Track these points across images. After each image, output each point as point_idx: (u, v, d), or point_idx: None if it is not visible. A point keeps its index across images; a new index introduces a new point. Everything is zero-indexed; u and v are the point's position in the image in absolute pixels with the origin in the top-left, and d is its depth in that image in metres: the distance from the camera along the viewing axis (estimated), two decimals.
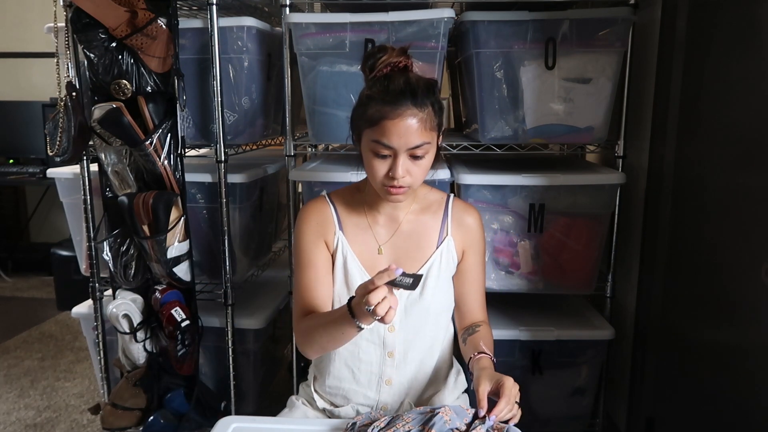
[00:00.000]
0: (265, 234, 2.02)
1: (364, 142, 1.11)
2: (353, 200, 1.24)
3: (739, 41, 1.36)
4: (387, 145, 1.06)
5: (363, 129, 1.10)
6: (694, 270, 1.55)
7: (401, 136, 1.06)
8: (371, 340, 1.21)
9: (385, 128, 1.06)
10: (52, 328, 3.15)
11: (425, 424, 0.99)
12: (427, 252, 1.22)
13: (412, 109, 1.06)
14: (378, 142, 1.07)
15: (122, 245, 1.69)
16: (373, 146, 1.08)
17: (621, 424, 1.95)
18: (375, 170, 1.10)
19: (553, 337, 1.69)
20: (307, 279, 1.19)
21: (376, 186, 1.13)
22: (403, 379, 1.24)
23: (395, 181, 1.09)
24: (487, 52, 1.63)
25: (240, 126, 1.74)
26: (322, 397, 1.28)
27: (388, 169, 1.09)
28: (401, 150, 1.07)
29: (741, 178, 1.34)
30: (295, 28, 1.61)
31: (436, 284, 1.22)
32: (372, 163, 1.09)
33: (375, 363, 1.22)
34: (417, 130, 1.06)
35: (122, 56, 1.55)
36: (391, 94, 1.06)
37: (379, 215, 1.22)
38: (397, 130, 1.05)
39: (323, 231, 1.20)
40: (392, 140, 1.06)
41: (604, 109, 1.67)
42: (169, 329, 1.66)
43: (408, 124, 1.05)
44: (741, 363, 1.33)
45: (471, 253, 1.25)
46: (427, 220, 1.23)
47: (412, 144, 1.07)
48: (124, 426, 1.72)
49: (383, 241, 1.21)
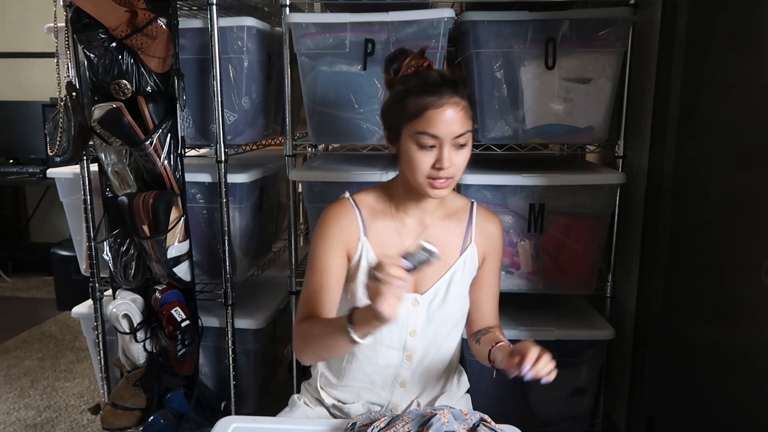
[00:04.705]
0: (265, 234, 2.02)
1: (404, 137, 1.10)
2: (379, 203, 1.21)
3: (739, 41, 1.36)
4: (433, 134, 1.07)
5: (403, 124, 1.10)
6: (694, 270, 1.55)
7: (446, 125, 1.07)
8: (392, 345, 1.20)
9: (430, 118, 1.06)
10: (52, 328, 3.15)
11: (423, 424, 0.99)
12: (450, 259, 1.22)
13: (455, 98, 1.07)
14: (423, 132, 1.07)
15: (122, 245, 1.69)
16: (418, 138, 1.08)
17: (621, 424, 1.95)
18: (419, 163, 1.09)
19: (553, 337, 1.69)
20: (317, 283, 1.16)
21: (419, 181, 1.11)
22: (416, 381, 1.25)
23: (441, 172, 1.08)
24: (487, 52, 1.63)
25: (240, 126, 1.74)
26: (329, 395, 1.27)
27: (434, 161, 1.08)
28: (446, 139, 1.07)
29: (741, 178, 1.34)
30: (295, 28, 1.61)
31: (459, 291, 1.23)
32: (416, 156, 1.09)
33: (393, 365, 1.22)
34: (460, 119, 1.08)
35: (122, 56, 1.55)
36: (432, 85, 1.08)
37: (407, 219, 1.20)
38: (441, 119, 1.06)
39: (345, 237, 1.17)
40: (438, 129, 1.06)
41: (604, 109, 1.67)
42: (169, 329, 1.66)
43: (452, 113, 1.07)
44: (741, 363, 1.33)
45: (490, 261, 1.26)
46: (452, 227, 1.23)
47: (456, 132, 1.08)
48: (124, 426, 1.72)
49: (409, 245, 1.19)
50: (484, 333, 1.25)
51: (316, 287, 1.16)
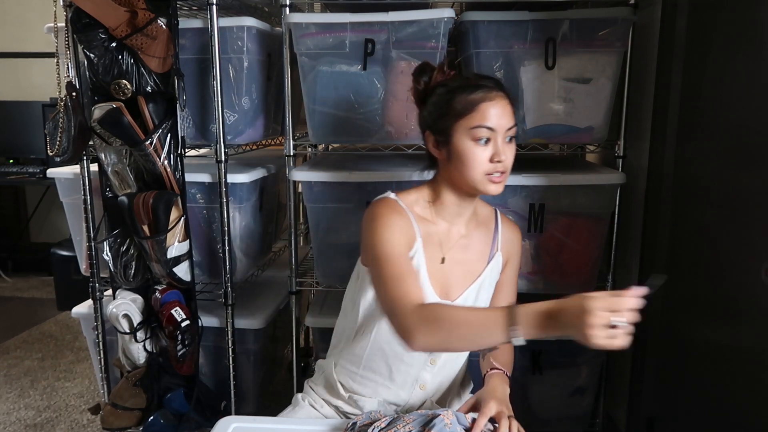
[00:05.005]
0: (265, 234, 2.02)
1: (457, 136, 1.11)
2: (420, 206, 1.20)
3: (739, 41, 1.36)
4: (489, 126, 1.08)
5: (454, 122, 1.11)
6: (694, 270, 1.55)
7: (500, 117, 1.09)
8: None
9: (484, 111, 1.08)
10: (52, 328, 3.15)
11: (425, 425, 0.99)
12: (480, 266, 1.24)
13: (501, 92, 1.11)
14: (479, 126, 1.08)
15: (122, 245, 1.69)
16: (473, 133, 1.09)
17: (621, 424, 1.95)
18: (477, 158, 1.10)
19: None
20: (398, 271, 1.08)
21: (477, 179, 1.11)
22: (435, 384, 1.25)
23: (499, 165, 1.10)
24: (487, 52, 1.63)
25: (240, 126, 1.74)
26: (345, 386, 1.26)
27: (490, 155, 1.09)
28: (500, 131, 1.09)
29: (741, 178, 1.34)
30: (295, 28, 1.61)
31: (486, 298, 1.25)
32: (473, 152, 1.09)
33: (415, 366, 1.22)
34: (509, 111, 1.11)
35: (122, 56, 1.55)
36: (479, 80, 1.12)
37: (446, 224, 1.21)
38: (495, 111, 1.09)
39: (407, 234, 1.15)
40: (492, 121, 1.08)
41: (604, 109, 1.67)
42: (169, 329, 1.66)
43: (503, 104, 1.10)
44: (741, 363, 1.33)
45: (509, 269, 1.29)
46: (481, 235, 1.24)
47: (509, 124, 1.10)
48: (124, 426, 1.72)
49: (446, 251, 1.20)
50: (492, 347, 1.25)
51: (398, 273, 1.08)
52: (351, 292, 1.29)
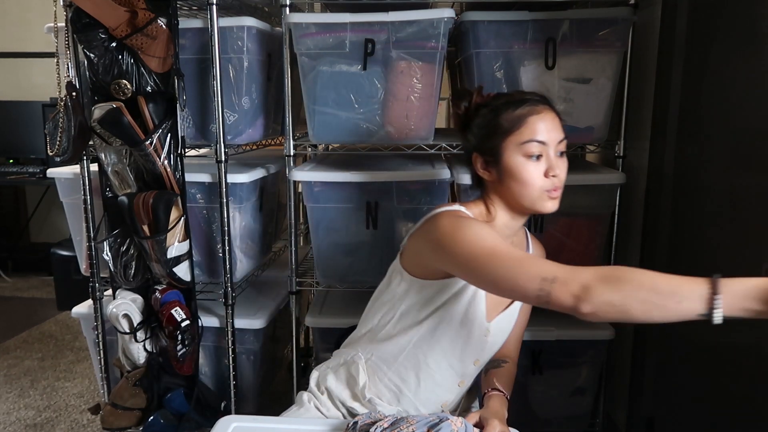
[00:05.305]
0: (265, 234, 2.02)
1: (507, 154, 1.08)
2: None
3: (739, 41, 1.36)
4: (540, 140, 1.07)
5: (503, 139, 1.09)
6: (694, 270, 1.53)
7: (550, 130, 1.08)
8: (453, 367, 1.19)
9: (534, 125, 1.07)
10: (52, 328, 3.15)
11: (431, 427, 0.98)
12: None
13: (548, 106, 1.10)
14: (530, 140, 1.07)
15: (122, 245, 1.69)
16: (525, 148, 1.07)
17: (621, 424, 1.95)
18: (532, 175, 1.07)
19: (553, 337, 1.69)
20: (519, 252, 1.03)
21: (534, 195, 1.09)
22: (455, 404, 1.26)
23: (555, 180, 1.08)
24: (487, 52, 1.63)
25: (240, 126, 1.74)
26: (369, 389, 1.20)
27: (544, 169, 1.07)
28: (551, 144, 1.08)
29: (741, 179, 1.34)
30: (295, 28, 1.61)
31: (519, 319, 1.25)
32: (527, 168, 1.07)
33: (444, 387, 1.20)
34: (558, 124, 1.09)
35: (122, 56, 1.55)
36: (524, 95, 1.10)
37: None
38: (545, 124, 1.07)
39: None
40: (543, 135, 1.07)
41: (604, 109, 1.67)
42: (169, 329, 1.66)
43: (551, 117, 1.09)
44: (741, 363, 1.33)
45: None
46: None
47: (559, 137, 1.09)
48: (124, 426, 1.72)
49: None
50: (495, 365, 1.26)
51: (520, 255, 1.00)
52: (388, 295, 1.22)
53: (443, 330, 1.15)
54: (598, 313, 0.90)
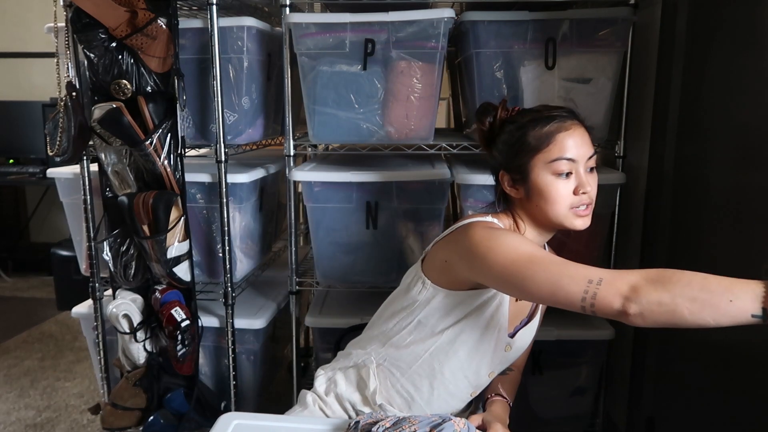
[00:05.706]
0: (265, 234, 2.02)
1: (535, 172, 1.06)
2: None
3: (739, 41, 1.36)
4: (569, 158, 1.04)
5: (531, 158, 1.06)
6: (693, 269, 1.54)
7: (578, 146, 1.05)
8: (468, 378, 1.17)
9: (562, 142, 1.04)
10: (52, 328, 3.15)
11: (434, 428, 0.98)
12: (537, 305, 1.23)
13: (576, 121, 1.07)
14: (559, 158, 1.04)
15: (122, 245, 1.69)
16: (553, 166, 1.04)
17: (621, 424, 1.95)
18: (560, 193, 1.05)
19: (553, 337, 1.69)
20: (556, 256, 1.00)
21: (562, 214, 1.06)
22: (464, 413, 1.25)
23: (585, 197, 1.05)
24: (487, 52, 1.63)
25: (240, 126, 1.74)
26: (380, 394, 1.18)
27: (574, 186, 1.05)
28: (581, 161, 1.05)
29: (741, 178, 1.34)
30: (295, 28, 1.61)
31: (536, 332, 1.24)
32: (555, 186, 1.05)
33: (457, 397, 1.19)
34: (588, 140, 1.07)
35: (122, 56, 1.55)
36: (551, 111, 1.07)
37: None
38: (574, 141, 1.05)
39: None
40: (572, 152, 1.04)
41: (604, 109, 1.67)
42: (169, 329, 1.66)
43: (580, 133, 1.06)
44: (741, 363, 1.33)
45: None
46: None
47: (588, 153, 1.06)
48: (124, 426, 1.72)
49: None
50: (501, 372, 1.25)
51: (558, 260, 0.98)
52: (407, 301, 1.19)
53: (463, 341, 1.13)
54: (645, 314, 0.87)
